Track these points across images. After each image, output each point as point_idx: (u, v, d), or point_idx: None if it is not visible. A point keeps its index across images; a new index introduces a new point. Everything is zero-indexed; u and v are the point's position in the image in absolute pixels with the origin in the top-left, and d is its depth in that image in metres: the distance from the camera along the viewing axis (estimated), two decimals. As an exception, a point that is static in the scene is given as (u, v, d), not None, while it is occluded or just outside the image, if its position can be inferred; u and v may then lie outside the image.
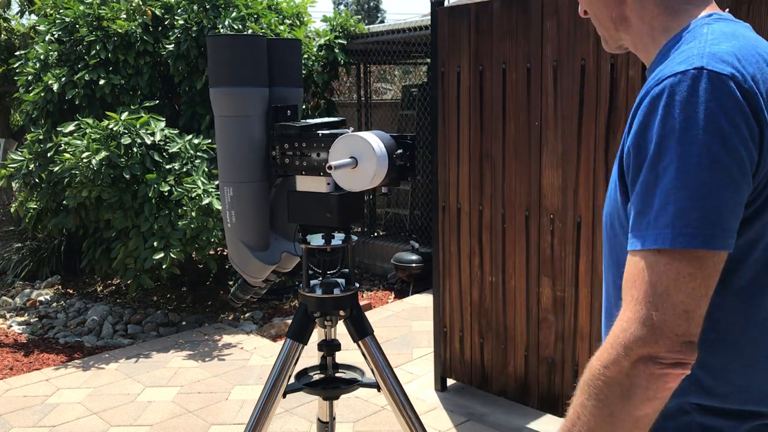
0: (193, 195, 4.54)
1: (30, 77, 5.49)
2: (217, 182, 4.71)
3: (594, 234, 2.99)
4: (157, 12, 5.36)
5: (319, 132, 1.87)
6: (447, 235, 3.60)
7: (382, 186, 1.85)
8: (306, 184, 1.90)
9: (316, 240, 1.98)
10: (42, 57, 5.47)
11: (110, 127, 4.69)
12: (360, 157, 1.73)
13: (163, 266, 4.54)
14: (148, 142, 4.73)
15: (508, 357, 3.40)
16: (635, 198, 0.93)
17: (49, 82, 5.18)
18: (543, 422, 3.37)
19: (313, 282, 2.02)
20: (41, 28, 5.64)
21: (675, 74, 0.89)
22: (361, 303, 4.41)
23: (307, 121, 1.97)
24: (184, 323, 5.36)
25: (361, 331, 1.98)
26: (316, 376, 2.13)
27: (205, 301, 5.87)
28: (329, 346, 2.05)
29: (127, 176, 4.59)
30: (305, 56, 6.14)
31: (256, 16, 5.47)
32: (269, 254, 2.06)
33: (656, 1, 1.01)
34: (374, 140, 1.74)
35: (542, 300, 3.21)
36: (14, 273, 6.59)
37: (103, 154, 4.53)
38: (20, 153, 5.22)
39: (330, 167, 1.67)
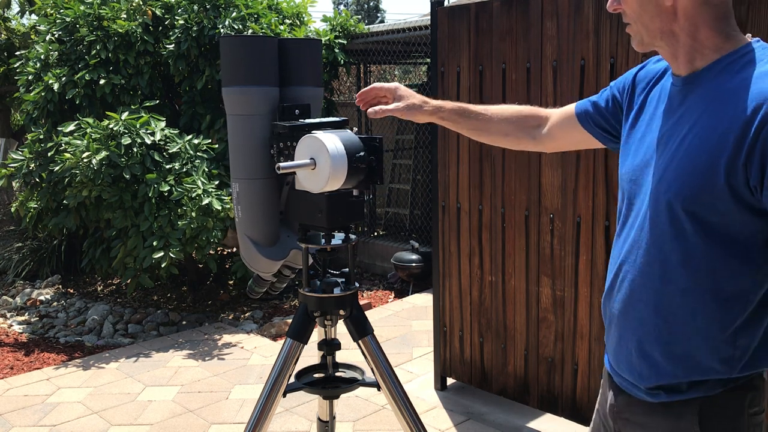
0: (193, 195, 4.54)
1: (30, 77, 5.49)
2: (216, 182, 4.73)
3: (593, 233, 2.99)
4: (158, 12, 5.36)
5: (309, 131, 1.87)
6: (447, 235, 3.61)
7: (352, 189, 1.83)
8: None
9: (317, 239, 1.99)
10: (42, 57, 5.47)
11: (110, 126, 4.70)
12: (318, 158, 1.74)
13: (162, 266, 4.54)
14: (148, 142, 4.73)
15: (507, 356, 3.40)
16: None
17: (50, 81, 5.18)
18: (543, 421, 3.38)
19: (313, 281, 2.02)
20: (41, 28, 5.65)
21: None
22: (361, 302, 4.41)
23: (305, 120, 1.98)
24: (184, 323, 5.36)
25: (361, 330, 1.99)
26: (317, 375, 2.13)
27: (205, 301, 5.88)
28: (329, 346, 2.05)
29: (127, 176, 4.59)
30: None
31: (256, 16, 5.48)
32: (276, 250, 2.08)
33: (711, 26, 1.21)
34: (331, 141, 1.73)
35: (542, 299, 3.22)
36: (15, 272, 6.60)
37: (104, 153, 4.53)
38: (21, 153, 5.23)
39: (278, 168, 1.68)
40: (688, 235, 1.20)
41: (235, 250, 6.11)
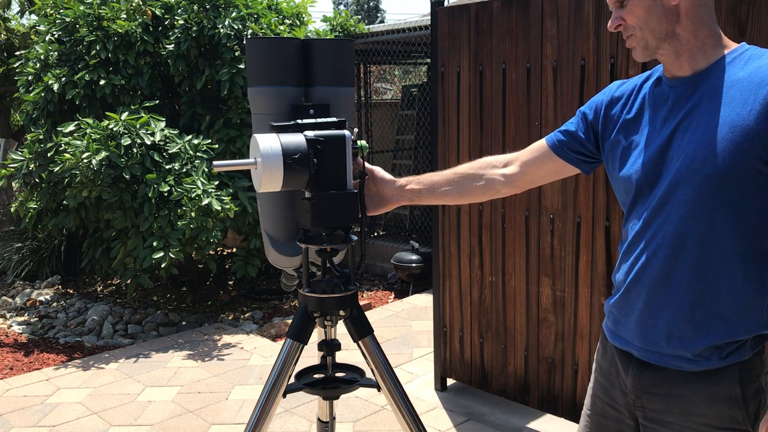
0: (193, 195, 4.54)
1: (30, 77, 5.49)
2: (216, 182, 4.73)
3: (594, 233, 2.99)
4: (157, 12, 5.36)
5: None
6: (447, 235, 3.61)
7: (303, 190, 1.81)
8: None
9: (317, 239, 1.98)
10: (42, 57, 5.47)
11: (110, 127, 4.70)
12: (257, 158, 1.74)
13: (162, 266, 4.54)
14: (148, 142, 4.73)
15: (508, 357, 3.40)
16: None
17: (50, 82, 5.18)
18: (543, 422, 3.38)
19: (313, 281, 2.02)
20: (41, 28, 5.64)
21: None
22: (361, 303, 4.41)
23: (298, 121, 1.97)
24: (184, 323, 5.36)
25: (361, 330, 1.98)
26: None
27: (205, 301, 5.87)
28: (329, 346, 2.05)
29: (127, 176, 4.59)
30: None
31: (256, 16, 5.47)
32: (289, 246, 2.10)
33: (709, 26, 1.36)
34: (267, 141, 1.71)
35: (542, 300, 3.21)
36: (14, 273, 6.59)
37: (103, 154, 4.53)
38: (20, 153, 5.22)
39: (213, 166, 1.70)
40: (725, 203, 1.30)
41: (235, 250, 6.11)
